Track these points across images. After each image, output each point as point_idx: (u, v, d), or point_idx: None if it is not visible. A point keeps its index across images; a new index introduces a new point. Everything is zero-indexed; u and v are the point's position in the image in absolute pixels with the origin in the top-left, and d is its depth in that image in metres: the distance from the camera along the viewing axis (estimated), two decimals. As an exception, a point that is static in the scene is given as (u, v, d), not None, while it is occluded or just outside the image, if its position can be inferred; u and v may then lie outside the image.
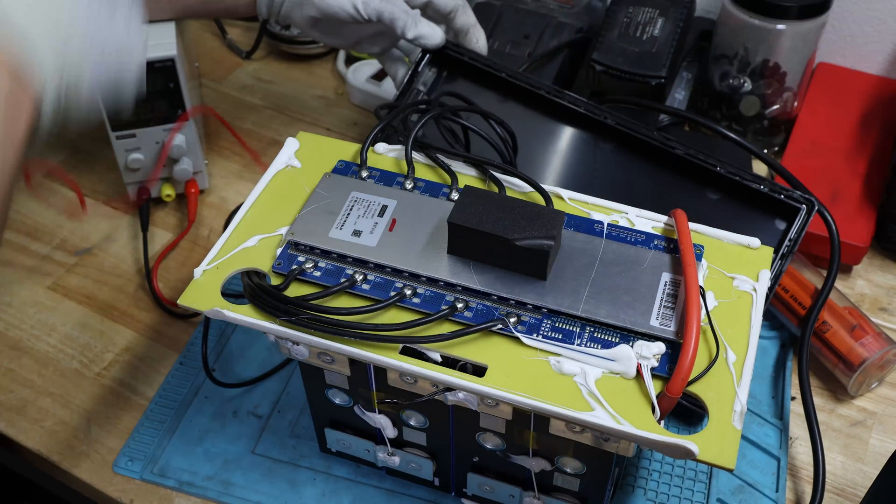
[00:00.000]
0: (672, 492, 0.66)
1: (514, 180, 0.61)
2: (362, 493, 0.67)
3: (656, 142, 0.70)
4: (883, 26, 0.92)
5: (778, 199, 0.67)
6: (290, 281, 0.55)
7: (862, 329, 0.71)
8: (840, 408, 0.73)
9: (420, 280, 0.55)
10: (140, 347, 0.77)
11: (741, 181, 0.68)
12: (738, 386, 0.50)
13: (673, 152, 0.70)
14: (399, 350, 0.53)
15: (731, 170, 0.68)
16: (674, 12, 0.87)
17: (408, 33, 0.74)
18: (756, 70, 0.86)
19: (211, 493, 0.67)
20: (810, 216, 0.66)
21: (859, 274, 0.82)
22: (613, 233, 0.57)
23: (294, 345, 0.56)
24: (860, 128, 0.89)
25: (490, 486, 0.63)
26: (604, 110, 0.72)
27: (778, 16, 0.82)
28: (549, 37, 0.90)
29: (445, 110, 0.64)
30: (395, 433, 0.62)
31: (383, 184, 0.61)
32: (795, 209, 0.66)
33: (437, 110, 0.64)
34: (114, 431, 0.71)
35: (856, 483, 0.68)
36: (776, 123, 0.90)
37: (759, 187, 0.67)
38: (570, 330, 0.53)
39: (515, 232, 0.53)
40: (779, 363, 0.75)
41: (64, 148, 0.95)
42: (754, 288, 0.55)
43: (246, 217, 0.60)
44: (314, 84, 1.04)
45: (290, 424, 0.71)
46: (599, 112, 0.73)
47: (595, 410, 0.49)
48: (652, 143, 0.71)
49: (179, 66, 0.81)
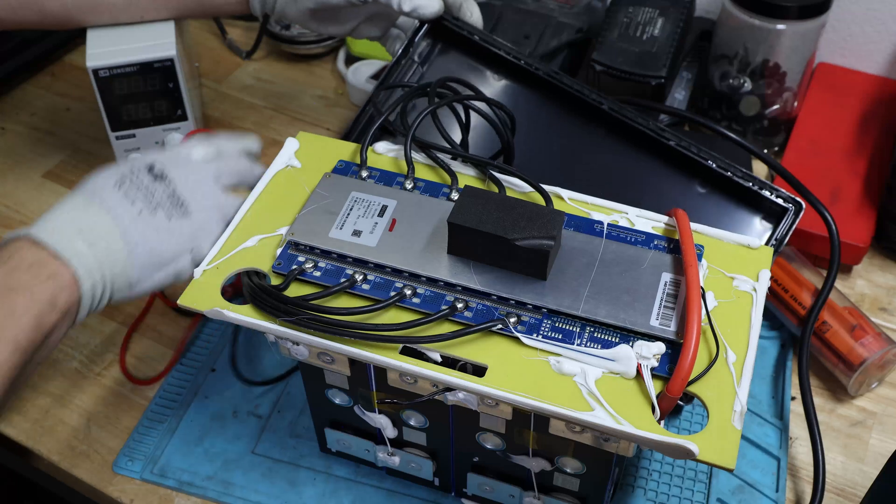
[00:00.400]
0: (672, 492, 0.66)
1: (514, 180, 0.61)
2: (362, 493, 0.67)
3: (650, 131, 0.70)
4: (883, 26, 0.92)
5: (767, 197, 0.67)
6: (290, 281, 0.55)
7: (862, 329, 0.71)
8: (840, 408, 0.73)
9: (420, 280, 0.55)
10: (141, 347, 0.77)
11: (731, 178, 0.67)
12: (738, 386, 0.50)
13: (666, 143, 0.69)
14: (399, 350, 0.53)
15: (722, 165, 0.68)
16: (674, 12, 0.87)
17: (404, 5, 0.73)
18: (756, 70, 0.86)
19: (211, 493, 0.67)
20: (797, 217, 0.65)
21: (859, 274, 0.82)
22: (613, 233, 0.57)
23: (294, 345, 0.56)
24: (860, 128, 0.89)
25: (490, 486, 0.63)
26: (600, 95, 0.72)
27: (778, 16, 0.82)
28: (549, 37, 0.91)
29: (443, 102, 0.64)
30: (395, 433, 0.62)
31: (383, 184, 0.61)
32: (783, 209, 0.66)
33: (435, 105, 0.63)
34: (114, 431, 0.71)
35: (856, 483, 0.68)
36: (776, 123, 0.90)
37: (749, 185, 0.67)
38: (570, 330, 0.53)
39: (515, 232, 0.53)
40: (779, 363, 0.75)
41: (64, 148, 0.96)
42: (754, 288, 0.55)
43: (246, 217, 0.60)
44: (314, 84, 1.04)
45: (290, 424, 0.71)
46: (595, 96, 0.72)
47: (595, 410, 0.49)
48: (645, 131, 0.70)
49: (179, 66, 0.81)
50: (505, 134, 0.65)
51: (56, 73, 1.06)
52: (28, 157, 0.95)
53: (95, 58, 0.80)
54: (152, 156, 0.62)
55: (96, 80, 0.80)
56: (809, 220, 0.76)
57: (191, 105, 0.85)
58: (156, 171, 0.60)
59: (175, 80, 0.82)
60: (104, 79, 0.80)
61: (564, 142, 0.73)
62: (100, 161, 0.94)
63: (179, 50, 0.82)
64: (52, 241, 0.55)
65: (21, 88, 1.04)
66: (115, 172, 0.60)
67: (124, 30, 0.82)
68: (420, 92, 0.65)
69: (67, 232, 0.56)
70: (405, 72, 0.77)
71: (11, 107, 1.01)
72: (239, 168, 0.64)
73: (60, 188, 0.91)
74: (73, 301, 0.56)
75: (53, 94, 1.03)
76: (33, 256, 0.55)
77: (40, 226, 0.57)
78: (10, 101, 1.02)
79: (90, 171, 0.60)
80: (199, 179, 0.62)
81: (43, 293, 0.54)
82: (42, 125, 0.99)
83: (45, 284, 0.54)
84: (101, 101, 0.82)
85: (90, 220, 0.57)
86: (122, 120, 0.84)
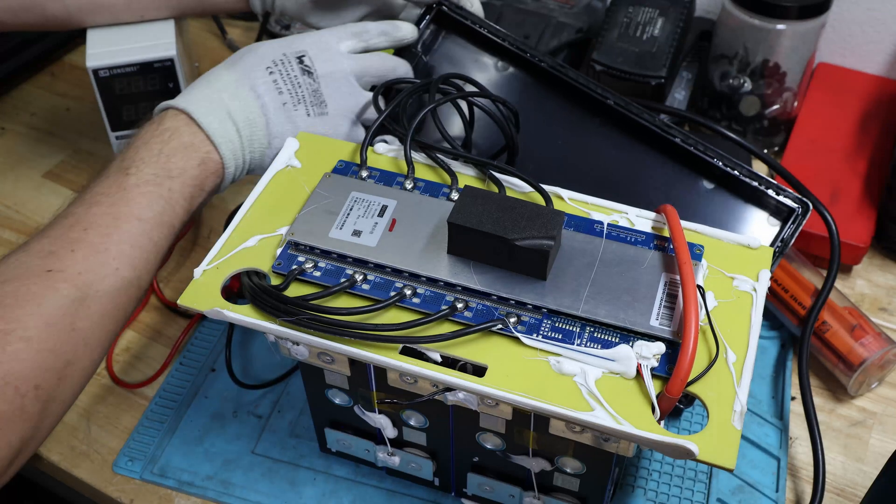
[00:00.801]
0: (672, 492, 0.66)
1: (514, 180, 0.61)
2: (362, 493, 0.67)
3: (655, 127, 0.69)
4: (883, 26, 0.92)
5: (774, 197, 0.66)
6: (290, 281, 0.55)
7: (862, 329, 0.71)
8: (840, 408, 0.73)
9: (420, 280, 0.55)
10: (140, 347, 0.77)
11: (738, 176, 0.67)
12: (738, 386, 0.50)
13: (671, 140, 0.69)
14: (399, 350, 0.53)
15: (729, 163, 0.67)
16: (674, 12, 0.87)
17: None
18: (756, 70, 0.86)
19: (211, 492, 0.67)
20: (805, 217, 0.65)
21: (859, 274, 0.82)
22: (613, 233, 0.57)
23: (294, 345, 0.56)
24: (860, 128, 0.89)
25: (490, 486, 0.63)
26: (604, 89, 0.71)
27: (778, 16, 0.82)
28: (549, 37, 0.91)
29: (444, 100, 0.64)
30: (395, 433, 0.62)
31: (383, 184, 0.61)
32: (791, 209, 0.66)
33: (435, 103, 0.63)
34: (114, 431, 0.71)
35: (856, 483, 0.68)
36: (776, 123, 0.90)
37: (755, 184, 0.67)
38: (570, 330, 0.53)
39: (515, 232, 0.53)
40: (779, 363, 0.75)
41: (64, 148, 0.96)
42: (754, 288, 0.55)
43: (246, 217, 0.60)
44: (314, 84, 1.03)
45: (290, 424, 0.71)
46: (600, 90, 0.71)
47: (595, 410, 0.49)
48: (650, 127, 0.69)
49: (179, 66, 0.81)
50: (509, 129, 0.65)
51: (56, 73, 1.06)
52: (28, 157, 0.95)
53: (95, 58, 0.80)
54: (304, 43, 0.65)
55: (96, 80, 0.80)
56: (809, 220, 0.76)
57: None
58: (305, 62, 0.64)
59: (175, 80, 0.82)
60: (104, 79, 0.80)
61: (567, 136, 0.73)
62: (100, 161, 0.94)
63: (179, 50, 0.82)
64: (206, 123, 0.61)
65: (21, 88, 1.04)
66: (269, 53, 0.64)
67: (124, 30, 0.82)
68: (422, 89, 0.65)
69: (219, 114, 0.62)
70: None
71: (11, 107, 1.01)
72: (384, 67, 0.68)
73: (60, 188, 0.91)
74: (217, 183, 0.63)
75: (53, 94, 1.03)
76: (189, 136, 0.61)
77: (194, 100, 0.62)
78: (10, 101, 1.02)
79: (90, 172, 0.61)
80: (343, 78, 0.65)
81: (195, 178, 0.61)
82: (42, 125, 0.99)
83: (197, 169, 0.61)
84: (101, 101, 0.82)
85: (241, 104, 0.63)
86: (122, 120, 0.84)
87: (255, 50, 0.65)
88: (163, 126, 0.61)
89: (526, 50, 0.74)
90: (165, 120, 0.62)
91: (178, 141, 0.61)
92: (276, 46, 0.65)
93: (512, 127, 0.66)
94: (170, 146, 0.60)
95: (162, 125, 0.62)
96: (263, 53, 0.65)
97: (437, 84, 0.65)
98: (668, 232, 0.56)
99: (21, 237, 0.87)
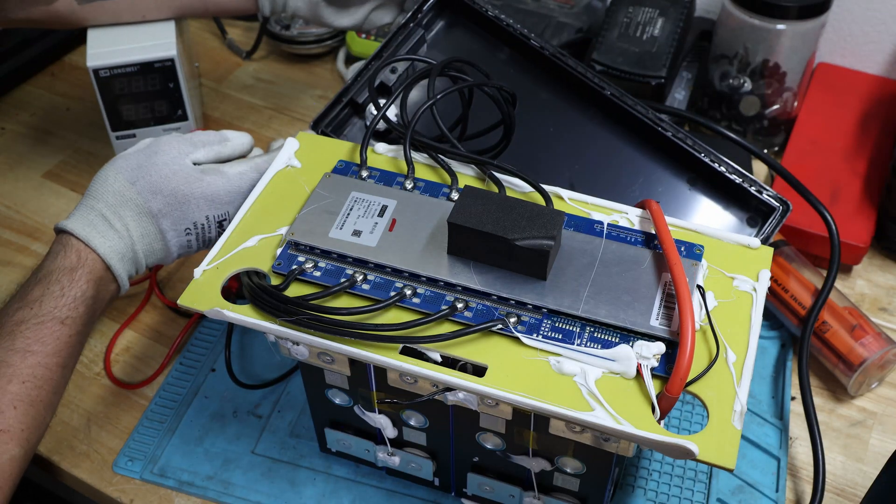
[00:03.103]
0: (672, 492, 0.66)
1: (514, 180, 0.61)
2: (362, 493, 0.67)
3: (647, 119, 0.69)
4: (883, 26, 0.92)
5: (755, 196, 0.66)
6: (290, 281, 0.55)
7: (862, 329, 0.71)
8: (840, 408, 0.73)
9: (420, 280, 0.55)
10: (140, 347, 0.77)
11: (723, 173, 0.67)
12: (738, 386, 0.50)
13: (662, 133, 0.68)
14: (399, 350, 0.53)
15: (715, 159, 0.67)
16: (674, 12, 0.87)
17: None
18: (756, 70, 0.86)
19: (211, 493, 0.67)
20: (784, 217, 0.65)
21: (859, 274, 0.82)
22: (613, 233, 0.57)
23: (294, 345, 0.56)
24: (860, 128, 0.89)
25: (490, 486, 0.63)
26: (602, 80, 0.71)
27: (778, 16, 0.82)
28: (549, 37, 0.91)
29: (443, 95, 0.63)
30: (395, 433, 0.62)
31: (383, 184, 0.61)
32: (771, 208, 0.66)
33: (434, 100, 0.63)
34: (114, 431, 0.71)
35: (856, 483, 0.68)
36: (776, 123, 0.90)
37: (739, 182, 0.66)
38: (570, 330, 0.53)
39: (515, 232, 0.53)
40: (779, 363, 0.75)
41: (64, 148, 0.96)
42: (754, 288, 0.55)
43: (246, 217, 0.60)
44: (314, 84, 1.04)
45: (290, 424, 0.71)
46: (597, 80, 0.71)
47: (595, 410, 0.49)
48: (642, 119, 0.69)
49: (179, 66, 0.81)
50: (505, 107, 0.64)
51: (56, 73, 1.06)
52: (28, 157, 0.95)
53: (95, 58, 0.80)
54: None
55: (96, 79, 0.80)
56: (809, 220, 0.76)
57: (191, 105, 0.85)
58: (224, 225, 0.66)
59: (175, 79, 0.82)
60: (104, 79, 0.80)
61: (560, 125, 0.72)
62: (100, 161, 0.94)
63: (180, 50, 0.82)
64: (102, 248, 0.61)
65: (21, 88, 1.04)
66: (191, 215, 0.64)
67: (124, 29, 0.82)
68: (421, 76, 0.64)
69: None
70: (406, 42, 0.75)
71: (11, 107, 1.01)
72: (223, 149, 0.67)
73: (60, 188, 0.91)
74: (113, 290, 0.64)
75: (53, 94, 1.03)
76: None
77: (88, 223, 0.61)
78: (10, 101, 1.02)
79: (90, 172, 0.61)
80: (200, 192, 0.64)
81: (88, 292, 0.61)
82: (42, 125, 0.99)
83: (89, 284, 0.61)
84: (102, 101, 0.82)
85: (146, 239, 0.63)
86: (123, 120, 0.84)
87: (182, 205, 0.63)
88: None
89: (529, 37, 0.73)
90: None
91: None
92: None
93: (509, 105, 0.65)
94: None
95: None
96: (185, 214, 0.63)
97: (438, 72, 0.64)
98: (654, 228, 0.55)
99: (21, 237, 0.87)
